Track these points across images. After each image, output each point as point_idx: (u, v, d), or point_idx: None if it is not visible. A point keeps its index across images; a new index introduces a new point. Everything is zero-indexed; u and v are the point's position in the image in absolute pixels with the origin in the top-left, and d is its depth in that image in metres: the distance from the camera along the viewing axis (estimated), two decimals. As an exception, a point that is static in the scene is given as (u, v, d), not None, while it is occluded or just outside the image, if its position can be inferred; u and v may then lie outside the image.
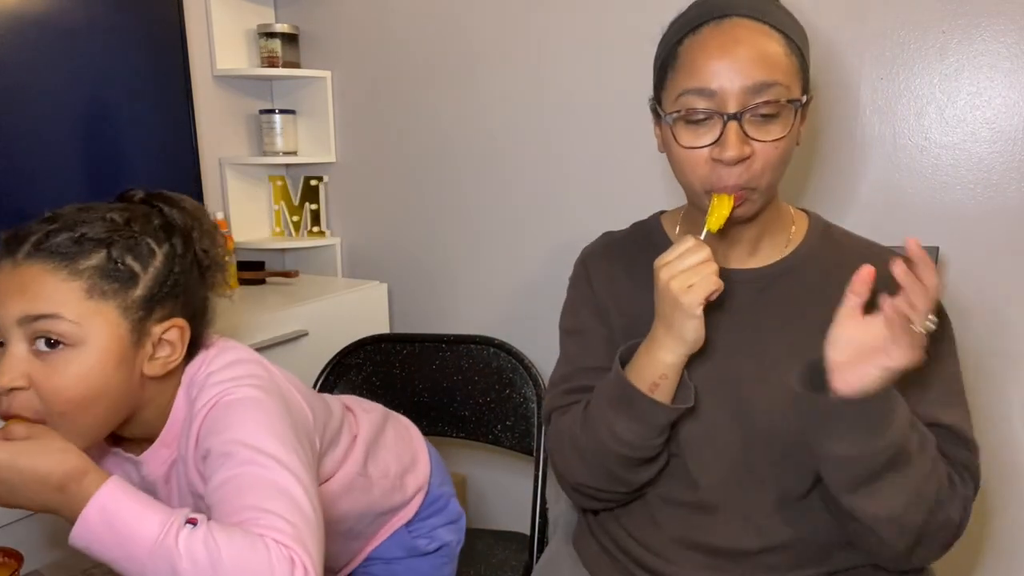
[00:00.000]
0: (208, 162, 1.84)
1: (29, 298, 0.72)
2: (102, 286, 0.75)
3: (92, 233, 0.76)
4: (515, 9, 1.64)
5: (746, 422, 0.88)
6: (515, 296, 1.76)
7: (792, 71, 0.81)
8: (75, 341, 0.73)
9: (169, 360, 0.80)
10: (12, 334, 0.72)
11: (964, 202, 1.31)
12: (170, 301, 0.80)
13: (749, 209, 0.86)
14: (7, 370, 0.71)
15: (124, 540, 0.64)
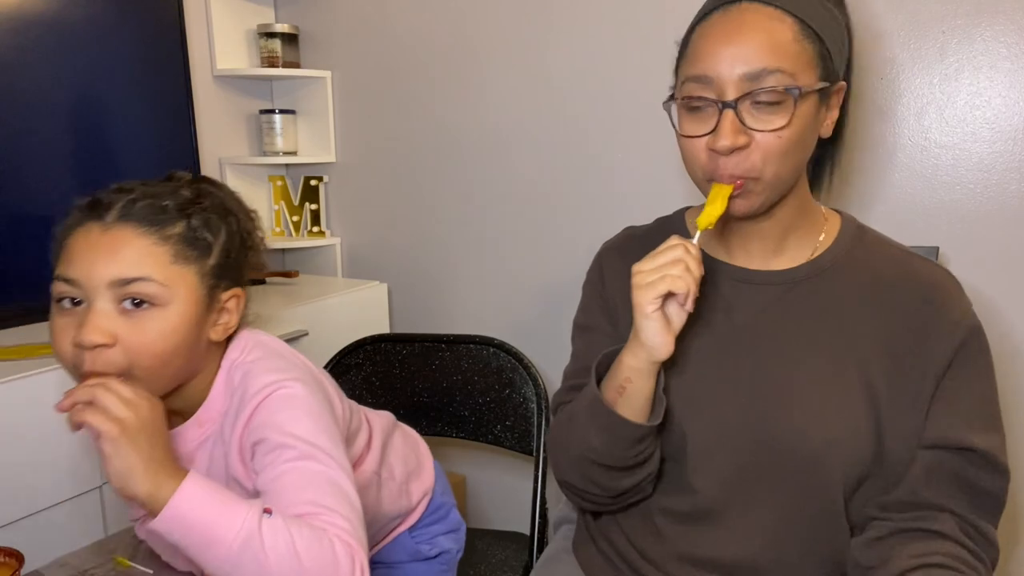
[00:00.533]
0: (208, 162, 1.84)
1: (120, 261, 0.75)
2: (185, 252, 0.79)
3: (172, 204, 0.80)
4: (516, 8, 1.64)
5: (757, 429, 0.84)
6: (515, 296, 1.76)
7: (802, 57, 0.77)
8: (162, 302, 0.76)
9: (228, 326, 0.85)
10: (100, 294, 0.75)
11: (964, 202, 1.31)
12: (232, 272, 0.85)
13: (752, 202, 0.81)
14: (94, 328, 0.73)
15: (209, 526, 0.67)
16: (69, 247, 0.77)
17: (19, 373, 1.16)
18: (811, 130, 0.81)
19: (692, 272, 0.77)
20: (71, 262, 0.76)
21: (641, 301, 0.79)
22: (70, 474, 1.22)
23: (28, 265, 1.47)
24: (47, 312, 1.33)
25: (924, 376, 0.81)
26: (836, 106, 0.84)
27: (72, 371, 0.77)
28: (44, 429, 1.18)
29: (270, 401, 0.79)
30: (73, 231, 0.78)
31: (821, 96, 0.80)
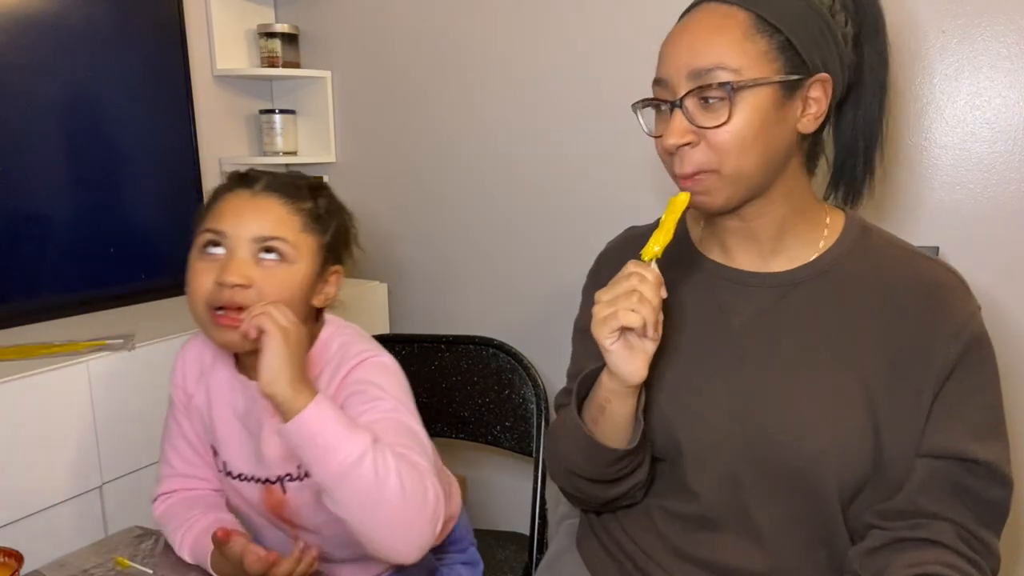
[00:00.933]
0: (208, 162, 1.84)
1: (264, 221, 0.91)
2: (311, 224, 0.94)
3: (307, 184, 0.98)
4: (515, 9, 1.64)
5: (749, 436, 0.84)
6: (515, 297, 1.76)
7: (752, 52, 0.77)
8: (290, 260, 0.91)
9: (328, 296, 0.99)
10: (242, 245, 0.89)
11: (964, 202, 1.30)
12: (338, 253, 1.00)
13: (715, 198, 0.82)
14: (237, 271, 0.87)
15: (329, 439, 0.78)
16: (219, 207, 0.92)
17: (19, 373, 1.16)
18: (772, 124, 0.79)
19: (649, 301, 0.77)
20: (221, 218, 0.91)
21: (598, 336, 0.79)
22: (70, 474, 1.22)
23: (28, 265, 1.47)
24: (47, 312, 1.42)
25: (924, 382, 0.80)
26: (818, 100, 0.81)
27: (203, 305, 0.89)
28: (44, 429, 1.18)
29: (367, 364, 0.93)
30: (224, 195, 0.94)
31: (785, 89, 0.79)
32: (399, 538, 0.79)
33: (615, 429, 0.85)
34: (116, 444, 1.28)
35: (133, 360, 1.30)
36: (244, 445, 0.99)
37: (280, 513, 0.99)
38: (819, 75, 0.80)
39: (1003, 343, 1.32)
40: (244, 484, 1.00)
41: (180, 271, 0.95)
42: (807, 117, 0.81)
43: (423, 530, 0.80)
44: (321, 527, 0.98)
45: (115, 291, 1.61)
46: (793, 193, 0.86)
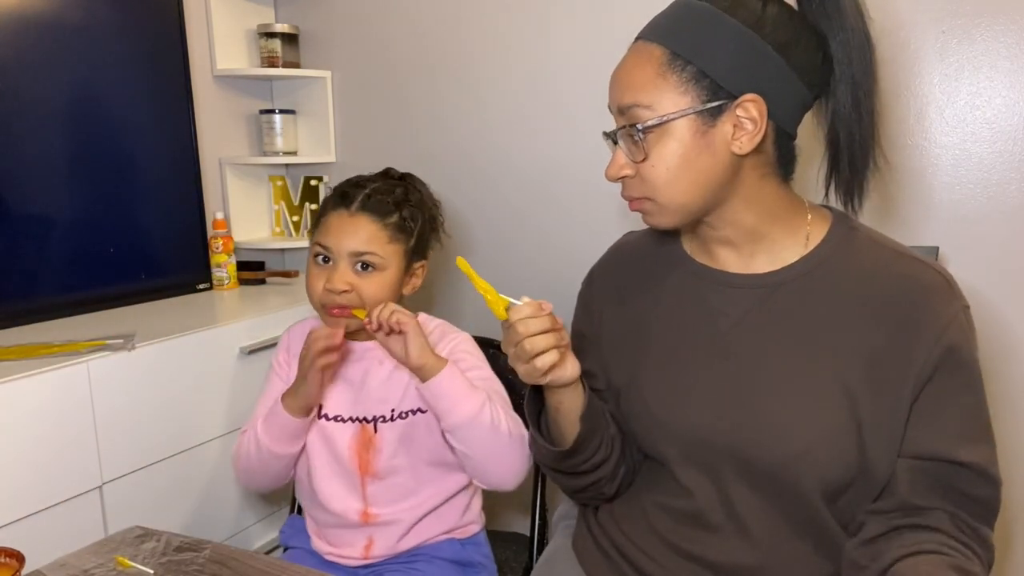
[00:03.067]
0: (208, 162, 1.84)
1: (358, 239, 1.14)
2: (396, 236, 1.17)
3: (392, 199, 1.18)
4: (516, 7, 1.64)
5: (731, 435, 0.85)
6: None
7: (662, 88, 0.81)
8: (381, 268, 1.15)
9: (415, 286, 1.23)
10: (343, 258, 1.14)
11: (964, 202, 1.31)
12: (422, 249, 1.23)
13: (658, 220, 0.87)
14: (341, 280, 1.13)
15: (457, 395, 1.06)
16: (326, 223, 1.17)
17: (19, 373, 1.16)
18: (697, 153, 0.81)
19: (538, 334, 0.84)
20: (327, 234, 1.15)
21: (537, 384, 0.88)
22: (70, 474, 1.22)
23: (28, 265, 1.46)
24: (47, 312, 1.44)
25: (904, 384, 0.80)
26: (753, 119, 0.81)
27: (318, 304, 1.16)
28: (44, 429, 1.18)
29: (465, 340, 1.22)
30: (328, 212, 1.18)
31: (705, 117, 0.80)
32: (506, 467, 1.10)
33: (571, 425, 0.92)
34: (116, 444, 1.28)
35: (133, 360, 1.30)
36: (343, 393, 1.21)
37: (363, 454, 1.19)
38: (745, 97, 0.80)
39: (1002, 343, 1.32)
40: (339, 425, 1.20)
41: (180, 271, 0.95)
42: (740, 140, 0.81)
43: (522, 463, 1.10)
44: (390, 474, 1.18)
45: (115, 291, 1.61)
46: (757, 202, 0.86)
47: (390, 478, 1.19)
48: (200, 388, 1.42)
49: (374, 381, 1.20)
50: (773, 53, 0.80)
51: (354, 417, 1.20)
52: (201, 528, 1.44)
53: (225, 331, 1.47)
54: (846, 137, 0.85)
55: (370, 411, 1.19)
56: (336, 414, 1.20)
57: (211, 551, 0.98)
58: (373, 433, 1.19)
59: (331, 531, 1.22)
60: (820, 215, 0.90)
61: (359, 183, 1.21)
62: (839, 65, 0.83)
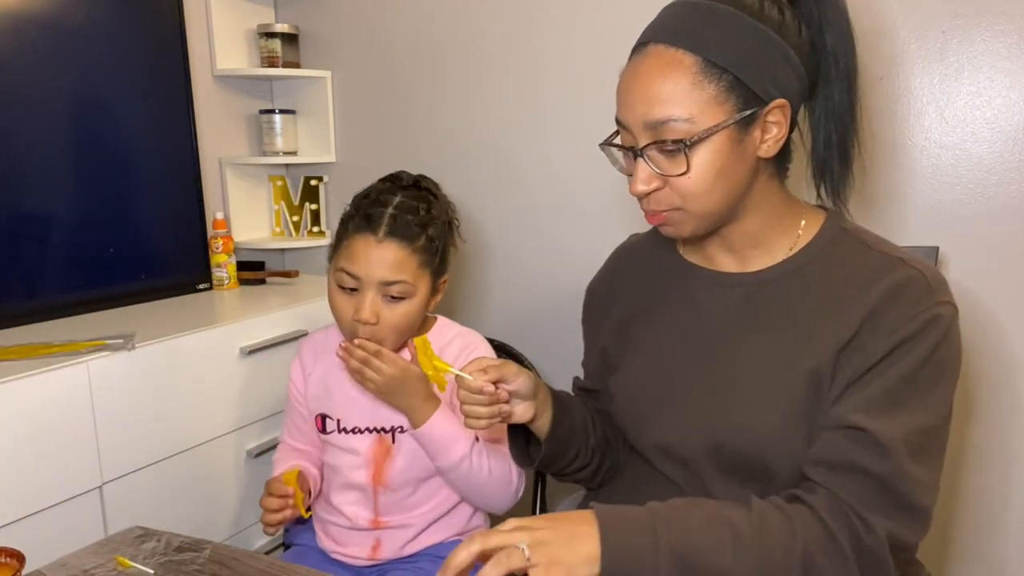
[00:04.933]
0: (208, 162, 1.84)
1: (388, 268, 1.09)
2: (424, 258, 1.13)
3: (417, 221, 1.12)
4: (516, 8, 1.64)
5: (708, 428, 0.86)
6: (515, 297, 1.76)
7: (701, 99, 0.78)
8: (410, 295, 1.12)
9: (438, 301, 1.20)
10: (372, 287, 1.10)
11: (964, 202, 1.31)
12: (445, 264, 1.20)
13: (680, 230, 0.86)
14: (368, 310, 1.10)
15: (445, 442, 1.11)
16: (352, 248, 1.11)
17: (19, 373, 1.16)
18: (733, 161, 0.81)
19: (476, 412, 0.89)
20: (354, 261, 1.10)
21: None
22: (70, 474, 1.22)
23: (28, 265, 1.47)
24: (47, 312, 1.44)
25: (850, 366, 0.79)
26: (779, 123, 0.82)
27: (347, 332, 1.14)
28: (44, 429, 1.18)
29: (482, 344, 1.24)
30: (352, 236, 1.11)
31: (741, 125, 0.80)
32: (490, 503, 1.18)
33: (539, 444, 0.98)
34: (116, 444, 1.28)
35: (133, 360, 1.30)
36: (360, 404, 1.20)
37: (380, 463, 1.19)
38: (775, 102, 0.80)
39: (1001, 342, 1.32)
40: (357, 436, 1.20)
41: (180, 271, 0.96)
42: (767, 143, 0.82)
43: (505, 497, 1.16)
44: (403, 485, 1.19)
45: (115, 291, 1.61)
46: (764, 204, 0.87)
47: (403, 489, 1.19)
48: (200, 388, 1.42)
49: None
50: (794, 57, 0.80)
51: (372, 427, 1.20)
52: (201, 528, 1.44)
53: (225, 331, 1.47)
54: (839, 131, 0.85)
55: (388, 421, 1.19)
56: (354, 426, 1.20)
57: (211, 551, 0.98)
58: (391, 443, 1.19)
59: (339, 531, 1.23)
60: (814, 215, 0.91)
61: (380, 199, 1.13)
62: (835, 61, 0.83)
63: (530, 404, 0.93)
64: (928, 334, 0.78)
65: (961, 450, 1.38)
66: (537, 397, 0.94)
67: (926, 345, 0.77)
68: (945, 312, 0.79)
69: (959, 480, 1.39)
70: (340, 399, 1.22)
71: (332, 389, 1.23)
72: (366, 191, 1.17)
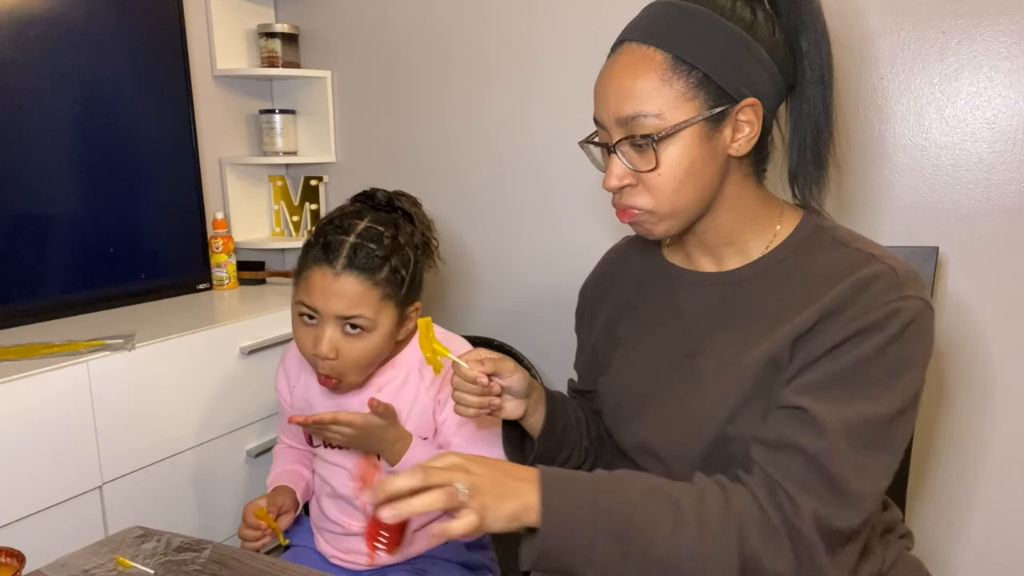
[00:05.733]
0: (208, 162, 1.84)
1: (345, 301, 1.04)
2: (388, 290, 1.07)
3: (380, 252, 1.06)
4: (515, 9, 1.64)
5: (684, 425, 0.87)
6: (515, 297, 1.76)
7: (669, 95, 0.79)
8: (371, 328, 1.07)
9: (409, 330, 1.15)
10: (330, 321, 1.05)
11: (964, 202, 1.31)
12: (415, 292, 1.13)
13: (653, 230, 0.86)
14: (327, 345, 1.05)
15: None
16: (309, 280, 1.06)
17: (19, 373, 1.16)
18: (703, 158, 0.81)
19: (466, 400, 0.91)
20: (311, 294, 1.06)
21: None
22: (70, 474, 1.22)
23: (28, 265, 1.47)
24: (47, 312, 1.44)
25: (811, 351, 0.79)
26: (751, 123, 0.82)
27: (310, 362, 1.10)
28: (44, 429, 1.18)
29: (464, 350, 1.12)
30: (311, 268, 1.06)
31: (711, 122, 0.80)
32: None
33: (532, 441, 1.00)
34: (116, 444, 1.28)
35: (133, 360, 1.30)
36: None
37: (369, 479, 1.17)
38: (746, 100, 0.81)
39: (1001, 342, 1.32)
40: (344, 453, 1.18)
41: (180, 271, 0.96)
42: (738, 142, 0.83)
43: None
44: None
45: (115, 291, 1.61)
46: (738, 203, 0.88)
47: None
48: (200, 388, 1.42)
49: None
50: (766, 56, 0.81)
51: None
52: (201, 528, 1.44)
53: (225, 331, 1.47)
54: (814, 133, 0.86)
55: None
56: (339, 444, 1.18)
57: (211, 551, 0.98)
58: (378, 459, 1.17)
59: (335, 538, 1.22)
60: (792, 213, 0.91)
61: (342, 225, 1.07)
62: (810, 63, 0.84)
63: (521, 402, 0.95)
64: (887, 325, 0.76)
65: (967, 450, 1.38)
66: (530, 396, 0.95)
67: (883, 336, 0.76)
68: (911, 306, 0.77)
69: (958, 482, 1.39)
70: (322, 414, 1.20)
71: (314, 405, 1.20)
72: (331, 215, 1.12)
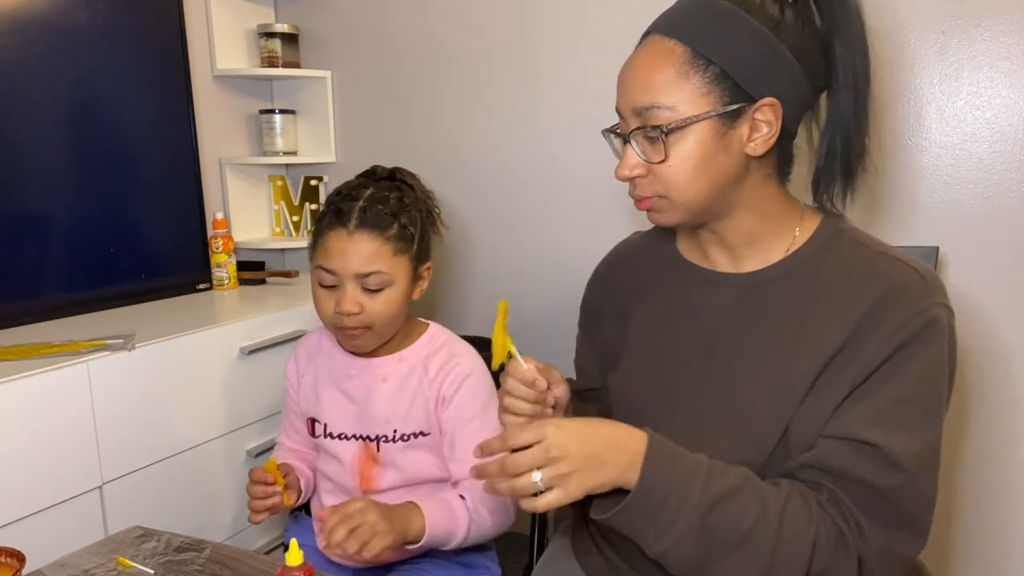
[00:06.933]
0: (208, 162, 1.84)
1: (361, 259, 1.10)
2: (399, 246, 1.13)
3: (389, 210, 1.12)
4: (517, 8, 1.64)
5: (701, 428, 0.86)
6: (515, 297, 1.76)
7: (684, 89, 0.79)
8: (388, 283, 1.12)
9: (423, 289, 1.20)
10: (349, 280, 1.11)
11: (964, 202, 1.31)
12: (426, 250, 1.19)
13: (666, 217, 0.86)
14: (349, 302, 1.10)
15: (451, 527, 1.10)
16: (325, 244, 1.12)
17: (19, 373, 1.16)
18: (714, 154, 0.81)
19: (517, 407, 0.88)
20: (329, 257, 1.11)
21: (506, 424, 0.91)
22: (70, 474, 1.22)
23: (28, 265, 1.46)
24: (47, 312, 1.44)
25: (849, 373, 0.79)
26: (769, 123, 0.81)
27: (332, 326, 1.16)
28: (45, 429, 1.18)
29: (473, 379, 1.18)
30: (326, 232, 1.12)
31: (725, 119, 0.80)
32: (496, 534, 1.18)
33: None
34: (116, 444, 1.28)
35: (133, 360, 1.30)
36: (346, 410, 1.20)
37: (367, 471, 1.19)
38: (764, 100, 0.80)
39: (1001, 342, 1.32)
40: (343, 442, 1.20)
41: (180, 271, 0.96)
42: (755, 141, 0.82)
43: (508, 522, 1.17)
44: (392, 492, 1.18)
45: (115, 291, 1.61)
46: (759, 204, 0.87)
47: (391, 494, 1.18)
48: (200, 388, 1.42)
49: (377, 400, 1.19)
50: (790, 57, 0.80)
51: (357, 435, 1.20)
52: (201, 528, 1.44)
53: (225, 331, 1.47)
54: (843, 141, 0.85)
55: (373, 429, 1.19)
56: (340, 432, 1.21)
57: (211, 551, 0.98)
58: (376, 451, 1.19)
59: None
60: (812, 216, 0.90)
61: (351, 195, 1.15)
62: (842, 69, 0.83)
63: (559, 413, 0.94)
64: (930, 340, 0.77)
65: (968, 450, 1.38)
66: (568, 408, 0.96)
67: (930, 352, 0.77)
68: (942, 315, 0.79)
69: (957, 484, 1.39)
70: (327, 403, 1.22)
71: (320, 393, 1.23)
72: (339, 188, 1.19)
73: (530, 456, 0.74)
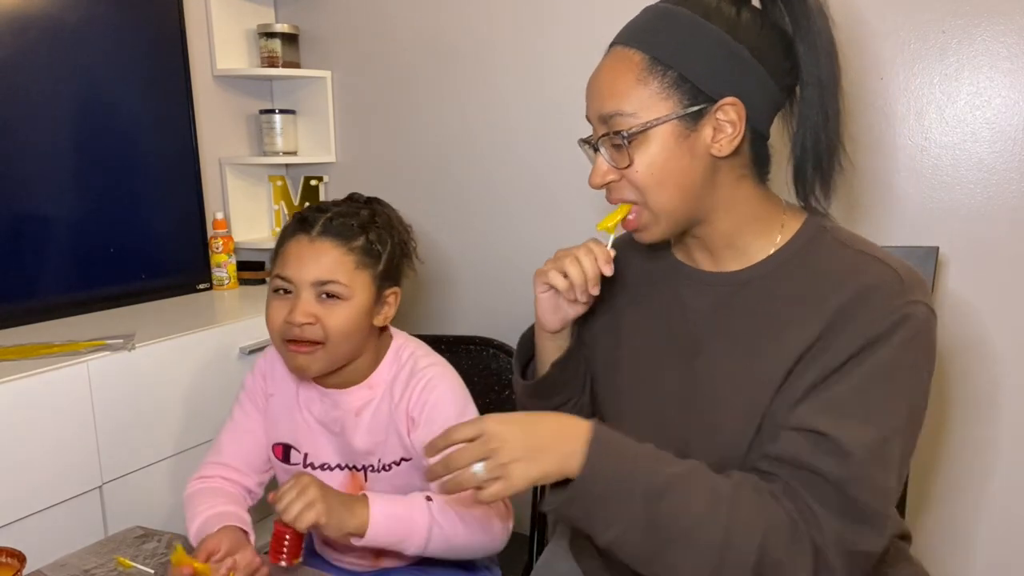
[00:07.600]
0: (208, 162, 1.84)
1: (320, 266, 1.03)
2: (363, 260, 1.06)
3: (357, 222, 1.07)
4: (517, 8, 1.64)
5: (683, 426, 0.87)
6: (514, 297, 1.76)
7: (644, 95, 0.81)
8: (346, 296, 1.04)
9: (387, 316, 1.12)
10: (305, 288, 1.03)
11: (964, 202, 1.31)
12: (394, 275, 1.12)
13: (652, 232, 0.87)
14: (302, 311, 1.02)
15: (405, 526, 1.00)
16: (285, 252, 1.06)
17: (19, 373, 1.16)
18: (679, 157, 0.82)
19: (583, 268, 0.87)
20: (286, 264, 1.05)
21: (534, 284, 0.92)
22: (70, 474, 1.22)
23: (28, 265, 1.47)
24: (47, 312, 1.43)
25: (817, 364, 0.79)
26: (733, 123, 0.82)
27: (278, 337, 1.06)
28: (44, 429, 1.18)
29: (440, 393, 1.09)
30: (288, 239, 1.06)
31: (686, 121, 0.81)
32: (475, 553, 1.09)
33: (543, 367, 0.99)
34: (116, 444, 1.28)
35: (133, 360, 1.30)
36: (328, 442, 1.14)
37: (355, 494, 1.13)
38: (724, 100, 0.81)
39: (1001, 342, 1.32)
40: (328, 473, 1.14)
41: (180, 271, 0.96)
42: (719, 142, 0.82)
43: (490, 544, 1.08)
44: None
45: (115, 291, 1.61)
46: (736, 205, 0.87)
47: None
48: (200, 388, 1.42)
49: (354, 434, 1.12)
50: (748, 56, 0.81)
51: (343, 464, 1.15)
52: (201, 528, 1.44)
53: (225, 331, 1.47)
54: (812, 139, 0.85)
55: (358, 460, 1.13)
56: (323, 462, 1.14)
57: (211, 551, 0.98)
58: (364, 481, 1.14)
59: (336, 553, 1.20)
60: (795, 215, 0.90)
61: (320, 208, 1.09)
62: (806, 67, 0.83)
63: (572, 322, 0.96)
64: (896, 334, 0.76)
65: (969, 450, 1.38)
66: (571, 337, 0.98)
67: (894, 346, 0.76)
68: (917, 312, 0.77)
69: (950, 482, 1.39)
70: (306, 433, 1.15)
71: (297, 422, 1.15)
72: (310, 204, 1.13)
73: (470, 449, 0.75)
